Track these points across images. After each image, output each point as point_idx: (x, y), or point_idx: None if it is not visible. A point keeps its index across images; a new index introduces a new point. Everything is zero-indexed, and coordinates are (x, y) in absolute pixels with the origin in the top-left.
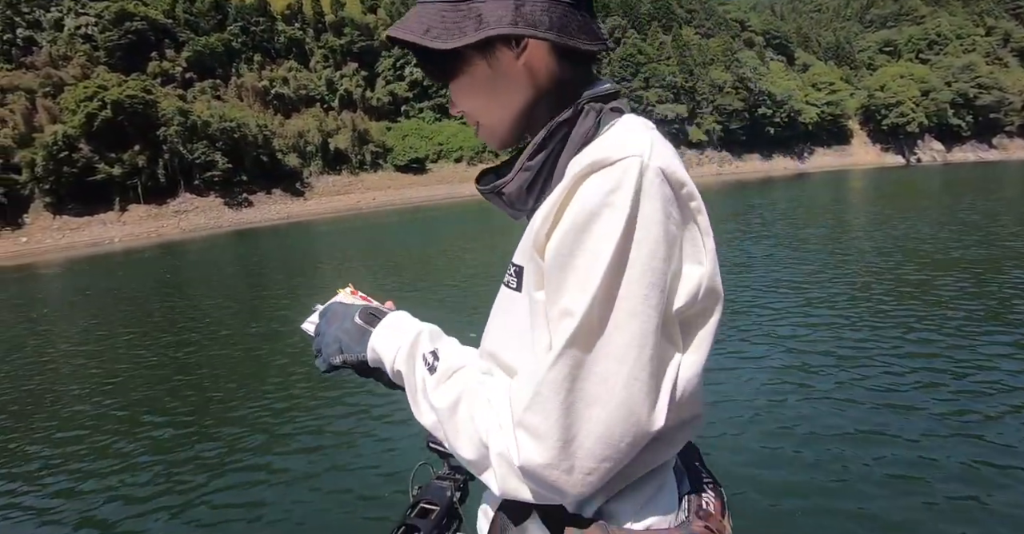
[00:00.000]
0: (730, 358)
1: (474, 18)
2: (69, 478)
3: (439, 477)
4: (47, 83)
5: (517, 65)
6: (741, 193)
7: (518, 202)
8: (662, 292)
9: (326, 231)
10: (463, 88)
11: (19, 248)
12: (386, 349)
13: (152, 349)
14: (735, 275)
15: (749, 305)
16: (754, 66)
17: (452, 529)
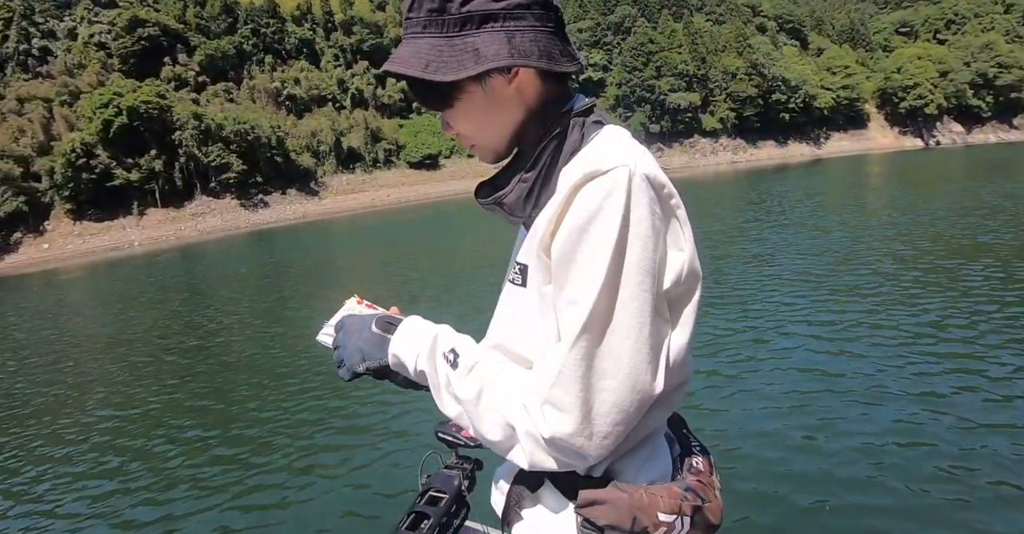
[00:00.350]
0: (760, 350)
1: (471, 52)
2: (87, 478)
3: (447, 466)
4: (63, 92)
5: (509, 89)
6: (757, 181)
7: (517, 210)
8: (654, 278)
9: (342, 230)
10: (460, 114)
11: (42, 254)
12: (407, 353)
13: (173, 352)
14: (757, 266)
15: (776, 295)
16: (767, 51)
17: (460, 516)
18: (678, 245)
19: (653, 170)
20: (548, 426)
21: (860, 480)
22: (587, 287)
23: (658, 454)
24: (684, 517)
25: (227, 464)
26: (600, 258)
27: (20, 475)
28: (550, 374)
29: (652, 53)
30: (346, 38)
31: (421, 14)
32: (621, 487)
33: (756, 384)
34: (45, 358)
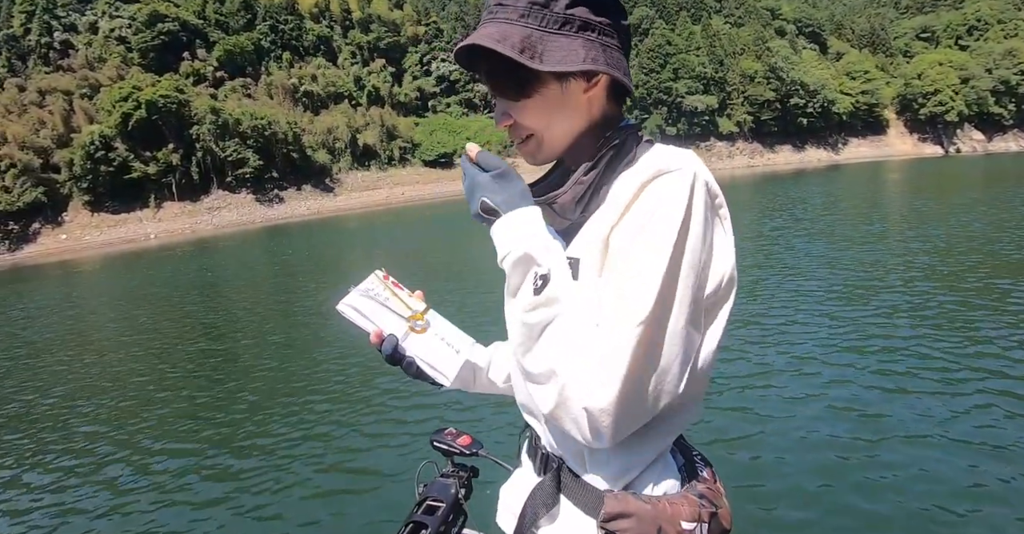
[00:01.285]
0: (792, 362)
1: (570, 51)
2: (97, 467)
3: (443, 474)
4: (84, 85)
5: (583, 97)
6: (776, 186)
7: (568, 211)
8: (699, 277)
9: (356, 228)
10: (531, 107)
11: (60, 245)
12: (501, 242)
13: (187, 345)
14: (791, 278)
15: (808, 309)
16: (786, 55)
17: (458, 524)
18: (723, 252)
19: (711, 180)
20: (584, 396)
21: (901, 488)
22: (647, 274)
23: (669, 466)
24: (703, 524)
25: (220, 477)
26: (663, 248)
27: (49, 461)
28: (603, 344)
29: (669, 55)
30: (363, 36)
31: (520, 3)
32: (643, 499)
33: (790, 392)
34: (59, 349)
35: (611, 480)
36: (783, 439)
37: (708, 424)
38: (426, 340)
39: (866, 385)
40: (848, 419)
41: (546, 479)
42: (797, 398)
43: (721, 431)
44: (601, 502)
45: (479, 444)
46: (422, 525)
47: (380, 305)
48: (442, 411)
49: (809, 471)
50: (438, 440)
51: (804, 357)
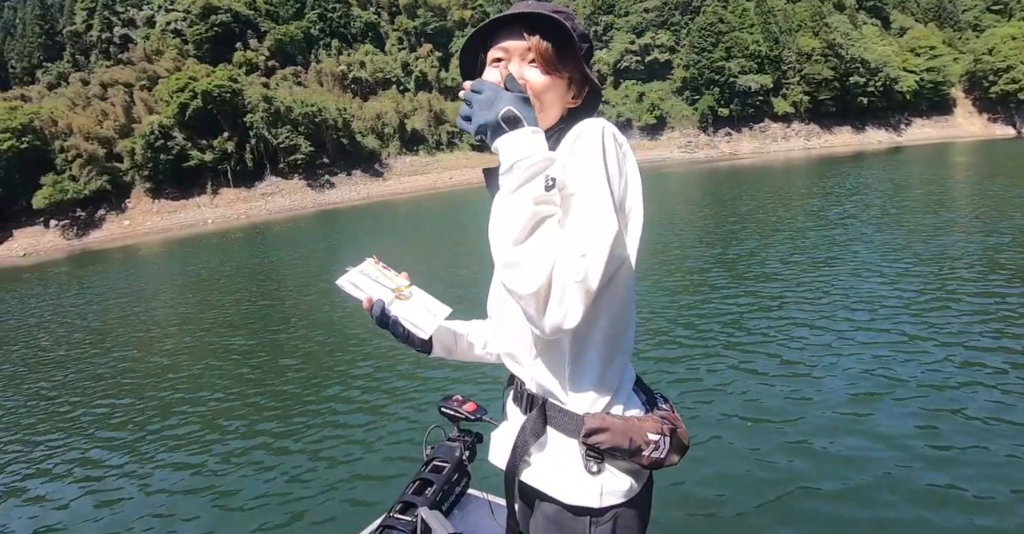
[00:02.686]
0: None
1: (588, 68)
2: (141, 448)
3: (450, 438)
4: (143, 77)
5: (567, 100)
6: (835, 169)
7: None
8: (619, 187)
9: (406, 212)
10: (548, 82)
11: (123, 230)
12: (516, 150)
13: (242, 329)
14: (872, 278)
15: (886, 308)
16: (845, 31)
17: (462, 484)
18: (633, 175)
19: (615, 130)
20: (581, 271)
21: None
22: (597, 189)
23: (633, 398)
24: (665, 437)
25: (248, 436)
26: (597, 169)
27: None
28: (588, 236)
29: (722, 33)
30: (410, 21)
31: (565, 25)
32: (616, 416)
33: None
34: (121, 332)
35: (588, 406)
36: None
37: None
38: (408, 305)
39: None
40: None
41: (533, 414)
42: (875, 397)
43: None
44: (582, 422)
45: (483, 410)
46: (428, 482)
47: (372, 281)
48: (450, 381)
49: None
50: (445, 406)
51: (900, 379)
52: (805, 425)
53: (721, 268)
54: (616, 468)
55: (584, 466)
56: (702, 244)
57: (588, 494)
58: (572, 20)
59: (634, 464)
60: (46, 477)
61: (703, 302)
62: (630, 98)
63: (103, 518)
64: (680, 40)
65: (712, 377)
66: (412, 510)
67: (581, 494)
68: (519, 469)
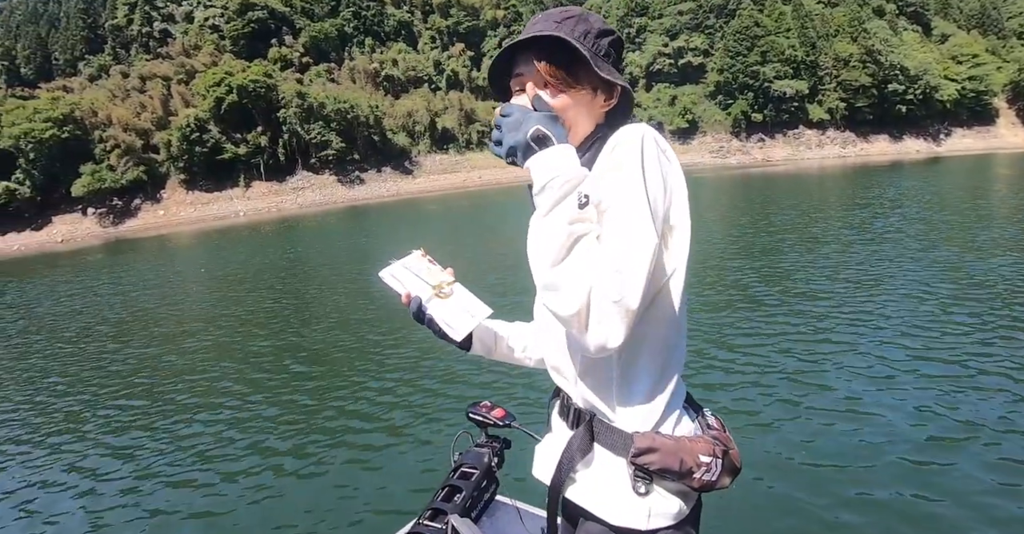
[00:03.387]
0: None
1: (612, 71)
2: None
3: (478, 444)
4: (181, 71)
5: (601, 107)
6: (872, 178)
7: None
8: (662, 197)
9: (435, 210)
10: (569, 100)
11: (158, 220)
12: (547, 169)
13: (264, 328)
14: (912, 301)
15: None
16: (885, 37)
17: (491, 491)
18: (677, 183)
19: (656, 135)
20: (619, 290)
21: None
22: (635, 203)
23: (683, 416)
24: (717, 459)
25: (269, 442)
26: (635, 178)
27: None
28: (624, 253)
29: (757, 37)
30: (443, 20)
31: (578, 30)
32: (667, 436)
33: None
34: (153, 324)
35: (638, 425)
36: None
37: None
38: (447, 304)
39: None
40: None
41: (580, 430)
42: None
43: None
44: (631, 441)
45: (512, 417)
46: (457, 489)
47: (413, 275)
48: (479, 386)
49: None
50: (474, 412)
51: (973, 422)
52: (862, 472)
53: (762, 283)
54: (665, 489)
55: (632, 486)
56: (741, 256)
57: (635, 516)
58: (581, 23)
59: (684, 486)
60: (39, 484)
61: (744, 320)
62: (662, 101)
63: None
64: (714, 43)
65: (755, 408)
66: (441, 517)
67: (628, 515)
68: (564, 485)
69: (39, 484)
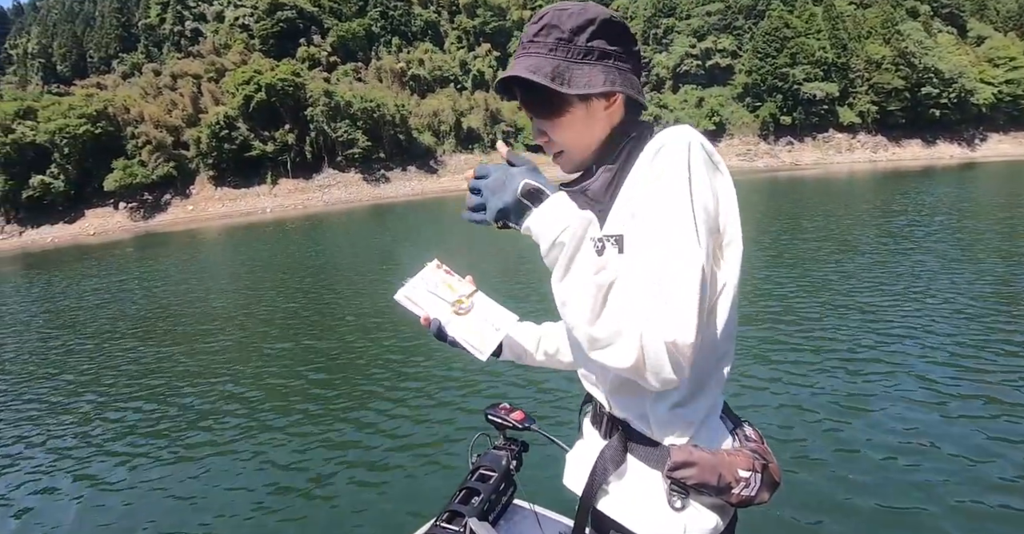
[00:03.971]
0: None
1: (594, 76)
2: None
3: (496, 447)
4: (211, 69)
5: (603, 112)
6: (905, 185)
7: (599, 196)
8: (710, 217)
9: (458, 210)
10: (562, 124)
11: (186, 215)
12: (551, 225)
13: (285, 328)
14: (970, 322)
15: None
16: (919, 39)
17: (508, 494)
18: (726, 195)
19: (703, 140)
20: (670, 332)
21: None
22: (681, 225)
23: (720, 428)
24: (756, 473)
25: (285, 439)
26: (682, 200)
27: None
28: (670, 287)
29: (787, 39)
30: (469, 21)
31: (550, 39)
32: (705, 450)
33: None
34: (181, 312)
35: (673, 437)
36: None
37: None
38: (468, 321)
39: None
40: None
41: (613, 440)
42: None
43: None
44: (667, 454)
45: (531, 419)
46: (475, 491)
47: (429, 293)
48: (498, 387)
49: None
50: (492, 414)
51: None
52: (926, 519)
53: (800, 295)
54: (701, 504)
55: (667, 501)
56: (775, 265)
57: (671, 531)
58: (553, 31)
59: (721, 501)
60: (37, 488)
61: (782, 334)
62: (689, 103)
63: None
64: (743, 45)
65: (798, 435)
66: (459, 519)
67: (663, 530)
68: (596, 497)
69: (39, 489)
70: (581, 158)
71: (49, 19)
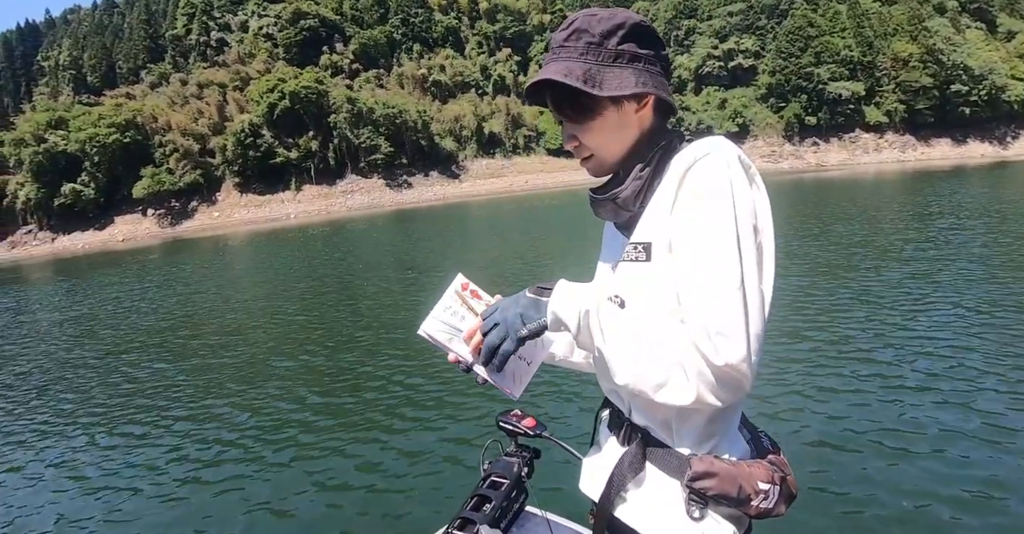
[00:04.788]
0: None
1: (625, 78)
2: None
3: (507, 453)
4: (236, 78)
5: (634, 116)
6: (937, 185)
7: (629, 204)
8: (753, 233)
9: (484, 215)
10: (592, 128)
11: (212, 221)
12: (568, 308)
13: (305, 341)
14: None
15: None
16: (947, 35)
17: (520, 501)
18: (763, 208)
19: (740, 152)
20: (721, 355)
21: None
22: (723, 244)
23: (739, 439)
24: (775, 486)
25: (298, 446)
26: (724, 219)
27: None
28: (714, 308)
29: (811, 37)
30: (490, 26)
31: (580, 44)
32: (725, 461)
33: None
34: (206, 318)
35: (693, 446)
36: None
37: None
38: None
39: None
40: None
41: (632, 448)
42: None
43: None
44: (688, 464)
45: (543, 426)
46: (487, 498)
47: (453, 328)
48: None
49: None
50: (504, 420)
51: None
52: None
53: (837, 309)
54: (719, 514)
55: (686, 510)
56: (808, 274)
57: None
58: (583, 36)
59: (739, 512)
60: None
61: (823, 357)
62: (711, 104)
63: None
64: (766, 45)
65: (837, 481)
66: (471, 526)
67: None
68: (613, 504)
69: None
70: (611, 162)
71: (80, 31)
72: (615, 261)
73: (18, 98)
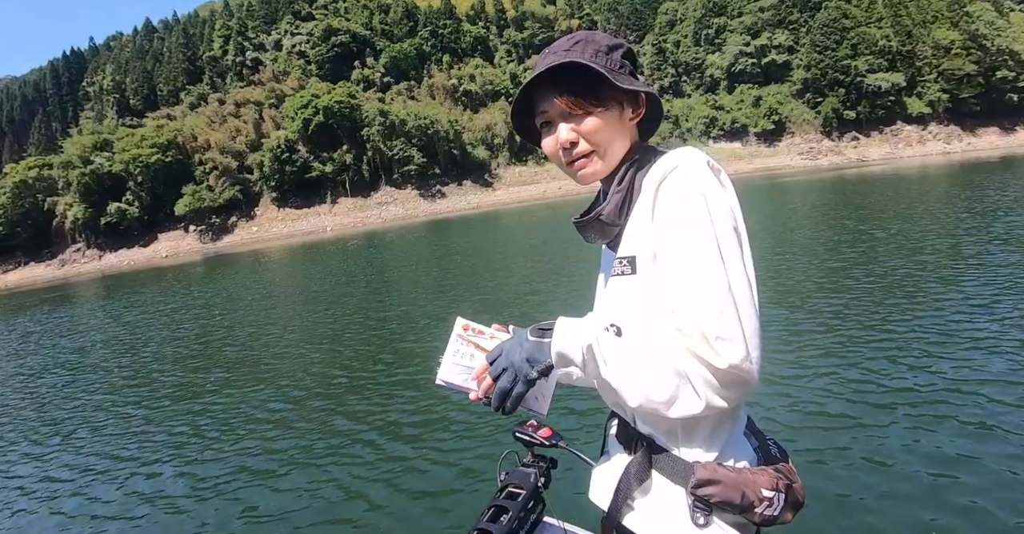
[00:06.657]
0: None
1: (632, 82)
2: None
3: (524, 464)
4: (271, 96)
5: (629, 123)
6: (987, 178)
7: (613, 218)
8: (734, 230)
9: (517, 223)
10: (598, 122)
11: (251, 236)
12: (570, 345)
13: (335, 355)
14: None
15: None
16: (990, 20)
17: (537, 511)
18: (735, 209)
19: (709, 158)
20: (724, 358)
21: None
22: (705, 252)
23: (745, 445)
24: (780, 493)
25: (316, 454)
26: (703, 227)
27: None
28: (709, 314)
29: (847, 29)
30: (518, 34)
31: (588, 50)
32: (729, 468)
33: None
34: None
35: (698, 454)
36: None
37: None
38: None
39: None
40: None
41: (638, 456)
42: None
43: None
44: (692, 471)
45: (559, 436)
46: (504, 509)
47: (466, 368)
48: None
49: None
50: (520, 431)
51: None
52: None
53: (894, 331)
54: (723, 521)
55: (691, 517)
56: (870, 289)
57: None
58: (589, 45)
59: (744, 519)
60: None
61: (875, 371)
62: (745, 103)
63: None
64: (799, 39)
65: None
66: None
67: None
68: (621, 512)
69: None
70: (608, 165)
71: (122, 57)
72: (608, 280)
73: (66, 122)
